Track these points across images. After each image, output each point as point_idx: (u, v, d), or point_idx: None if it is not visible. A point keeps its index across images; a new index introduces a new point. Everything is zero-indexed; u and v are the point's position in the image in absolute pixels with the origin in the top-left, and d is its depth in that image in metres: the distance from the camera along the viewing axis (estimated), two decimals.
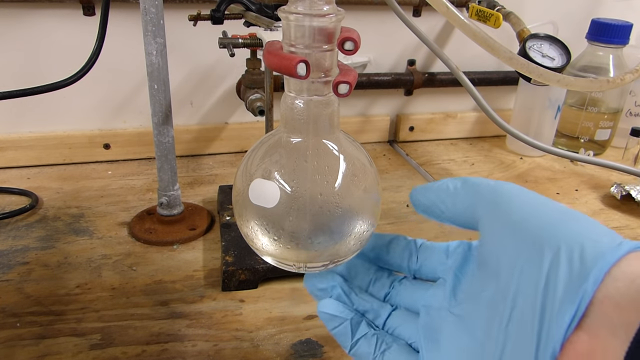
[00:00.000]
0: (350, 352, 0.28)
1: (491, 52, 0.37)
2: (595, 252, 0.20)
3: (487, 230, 0.24)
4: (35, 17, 0.66)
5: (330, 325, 0.28)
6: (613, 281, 0.19)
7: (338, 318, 0.28)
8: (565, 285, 0.20)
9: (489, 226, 0.24)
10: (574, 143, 0.81)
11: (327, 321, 0.29)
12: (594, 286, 0.19)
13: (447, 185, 0.26)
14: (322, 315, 0.29)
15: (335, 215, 0.26)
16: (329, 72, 0.25)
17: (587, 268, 0.19)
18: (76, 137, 0.72)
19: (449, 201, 0.26)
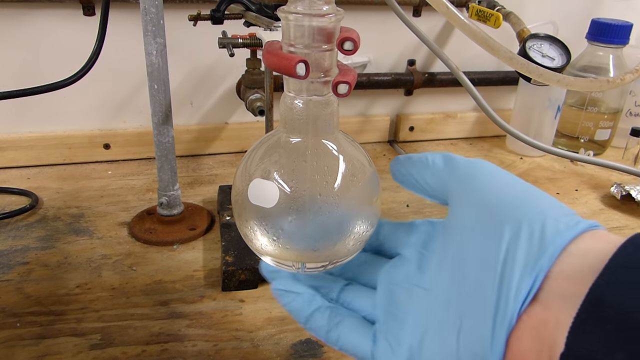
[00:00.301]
0: (306, 325, 0.28)
1: (491, 52, 0.37)
2: (554, 229, 0.21)
3: (455, 203, 0.25)
4: (35, 17, 0.66)
5: (284, 300, 0.29)
6: (568, 257, 0.20)
7: (291, 293, 0.29)
8: (524, 259, 0.20)
9: (457, 199, 0.25)
10: (574, 143, 0.81)
11: (281, 297, 0.29)
12: (550, 261, 0.20)
13: (427, 157, 0.27)
14: (275, 292, 0.29)
15: (335, 215, 0.26)
16: (329, 72, 0.25)
17: (545, 244, 0.20)
18: (76, 137, 0.72)
19: (425, 173, 0.27)
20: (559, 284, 0.20)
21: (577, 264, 0.20)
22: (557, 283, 0.20)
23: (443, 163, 0.26)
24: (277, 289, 0.29)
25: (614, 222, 0.63)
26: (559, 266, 0.20)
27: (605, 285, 0.18)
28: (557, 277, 0.20)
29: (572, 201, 0.68)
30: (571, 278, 0.20)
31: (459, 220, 0.24)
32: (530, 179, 0.74)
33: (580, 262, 0.20)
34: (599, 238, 0.21)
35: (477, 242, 0.23)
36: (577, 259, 0.20)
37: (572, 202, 0.68)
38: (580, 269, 0.20)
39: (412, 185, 0.28)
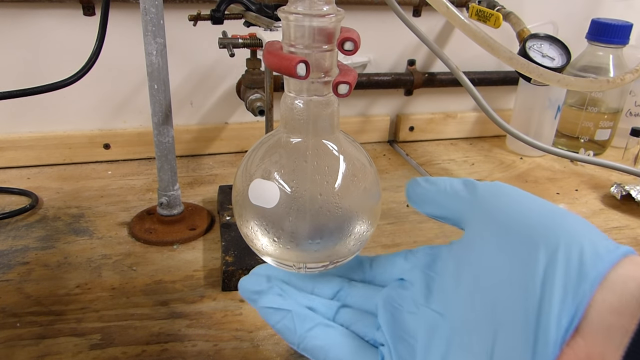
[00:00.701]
0: (301, 346, 0.26)
1: (491, 52, 0.37)
2: (594, 253, 0.19)
3: (474, 224, 0.24)
4: (35, 17, 0.66)
5: (273, 320, 0.26)
6: (609, 284, 0.19)
7: (281, 311, 0.26)
8: (563, 286, 0.19)
9: (477, 220, 0.24)
10: (574, 143, 0.81)
11: (269, 316, 0.26)
12: (592, 288, 0.19)
13: (444, 181, 0.26)
14: (262, 311, 0.26)
15: (335, 215, 0.26)
16: (329, 72, 0.25)
17: (586, 269, 0.19)
18: (76, 137, 0.72)
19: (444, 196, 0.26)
20: (602, 314, 0.18)
21: (619, 293, 0.18)
22: (600, 313, 0.18)
23: (463, 186, 0.25)
24: (264, 307, 0.27)
25: (614, 222, 0.63)
26: (600, 295, 0.19)
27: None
28: (599, 307, 0.19)
29: (572, 201, 0.68)
30: (614, 308, 0.18)
31: (480, 242, 0.23)
32: (530, 179, 0.74)
33: (622, 291, 0.18)
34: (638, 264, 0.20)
35: (506, 265, 0.21)
36: (619, 287, 0.19)
37: (572, 202, 0.68)
38: (624, 298, 0.18)
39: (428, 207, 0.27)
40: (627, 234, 0.61)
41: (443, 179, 0.27)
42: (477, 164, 0.79)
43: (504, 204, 0.23)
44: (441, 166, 0.77)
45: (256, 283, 0.28)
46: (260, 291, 0.28)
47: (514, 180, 0.74)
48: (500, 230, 0.22)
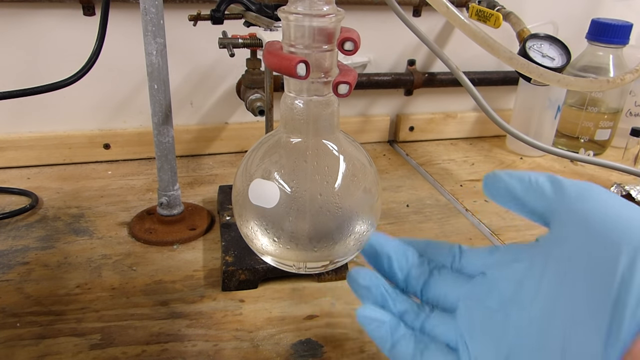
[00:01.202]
0: (390, 353, 0.28)
1: (491, 52, 0.37)
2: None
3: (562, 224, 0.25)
4: (35, 17, 0.66)
5: (369, 327, 0.29)
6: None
7: (377, 321, 0.28)
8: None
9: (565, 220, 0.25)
10: (574, 143, 0.81)
11: (366, 324, 0.29)
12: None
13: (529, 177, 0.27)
14: (361, 319, 0.29)
15: (335, 215, 0.26)
16: (329, 72, 0.25)
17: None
18: (76, 137, 0.72)
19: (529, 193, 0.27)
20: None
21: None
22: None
23: (550, 185, 0.26)
24: (363, 315, 0.29)
25: None
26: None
27: None
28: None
29: None
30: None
31: (565, 241, 0.24)
32: None
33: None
34: None
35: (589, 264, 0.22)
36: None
37: None
38: None
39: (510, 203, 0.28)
40: None
41: (527, 174, 0.27)
42: (477, 164, 0.79)
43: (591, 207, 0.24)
44: (441, 166, 0.77)
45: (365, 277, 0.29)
46: (369, 287, 0.29)
47: None
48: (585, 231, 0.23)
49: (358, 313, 0.29)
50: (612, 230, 0.22)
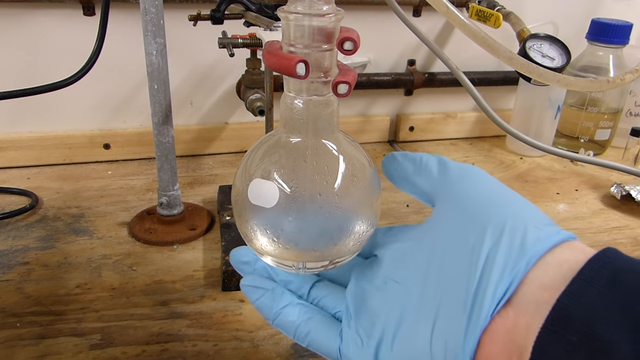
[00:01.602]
0: (274, 322, 0.28)
1: (491, 52, 0.37)
2: (535, 237, 0.21)
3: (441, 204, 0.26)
4: (35, 17, 0.66)
5: (253, 297, 0.29)
6: (544, 265, 0.21)
7: (260, 289, 0.29)
8: (503, 262, 0.21)
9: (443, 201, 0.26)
10: (574, 143, 0.81)
11: (250, 293, 0.29)
12: (527, 266, 0.21)
13: (421, 158, 0.28)
14: (244, 289, 0.29)
15: (335, 215, 0.26)
16: (329, 72, 0.25)
17: (525, 250, 0.21)
18: (76, 137, 0.72)
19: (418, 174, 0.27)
20: (533, 290, 0.20)
21: (552, 273, 0.20)
22: (532, 289, 0.20)
23: (437, 166, 0.27)
24: (245, 285, 0.29)
25: (614, 222, 0.63)
26: (535, 273, 0.21)
27: (570, 298, 0.19)
28: (532, 284, 0.20)
29: (572, 201, 0.68)
30: (545, 286, 0.20)
31: (442, 220, 0.25)
32: (530, 179, 0.74)
33: (555, 271, 0.20)
34: (575, 249, 0.21)
35: (458, 241, 0.23)
36: (553, 268, 0.21)
37: (572, 202, 0.68)
38: (554, 277, 0.20)
39: (402, 184, 0.29)
40: (627, 234, 0.61)
41: (419, 155, 0.28)
42: (477, 164, 0.79)
43: (467, 188, 0.25)
44: None
45: (244, 254, 0.30)
46: (248, 262, 0.30)
47: (514, 180, 0.74)
48: (460, 211, 0.24)
49: (241, 283, 0.29)
50: (481, 210, 0.23)
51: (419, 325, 0.23)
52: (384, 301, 0.26)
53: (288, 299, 0.28)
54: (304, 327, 0.28)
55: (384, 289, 0.26)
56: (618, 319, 0.18)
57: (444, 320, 0.22)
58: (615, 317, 0.18)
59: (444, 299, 0.23)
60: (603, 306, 0.18)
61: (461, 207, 0.24)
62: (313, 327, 0.28)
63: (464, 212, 0.24)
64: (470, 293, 0.21)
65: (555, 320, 0.19)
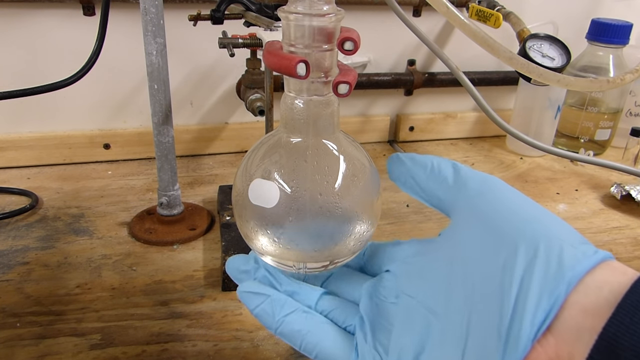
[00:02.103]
0: (277, 331, 0.26)
1: (491, 52, 0.37)
2: (572, 257, 0.20)
3: (462, 218, 0.24)
4: (35, 17, 0.66)
5: (252, 304, 0.26)
6: (584, 287, 0.19)
7: (260, 295, 0.26)
8: (540, 285, 0.19)
9: (465, 214, 0.24)
10: (574, 143, 0.81)
11: (248, 300, 0.27)
12: (567, 290, 0.19)
13: (432, 163, 0.26)
14: (242, 296, 0.27)
15: (335, 215, 0.26)
16: (329, 72, 0.25)
17: (563, 271, 0.19)
18: (76, 137, 0.72)
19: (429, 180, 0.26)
20: (574, 316, 0.19)
21: (593, 296, 0.19)
22: (572, 315, 0.19)
23: (452, 174, 0.25)
24: (243, 291, 0.27)
25: (614, 222, 0.63)
26: (574, 296, 0.19)
27: (619, 326, 0.17)
28: (573, 309, 0.19)
29: (572, 201, 0.68)
30: (587, 311, 0.19)
31: (463, 235, 0.23)
32: (530, 179, 0.74)
33: (596, 295, 0.19)
34: (615, 270, 0.20)
35: (485, 260, 0.21)
36: (593, 291, 0.19)
37: (572, 202, 0.68)
38: (597, 301, 0.19)
39: (408, 187, 0.27)
40: (627, 234, 0.61)
41: (429, 159, 0.26)
42: (477, 164, 0.79)
43: (492, 201, 0.23)
44: None
45: (243, 262, 0.28)
46: (247, 271, 0.28)
47: (514, 180, 0.74)
48: (485, 227, 0.22)
49: (238, 290, 0.27)
50: (510, 227, 0.21)
51: (445, 350, 0.22)
52: (403, 318, 0.25)
53: (293, 306, 0.26)
54: (312, 337, 0.26)
55: (401, 304, 0.25)
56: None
57: (475, 347, 0.21)
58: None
59: (473, 323, 0.21)
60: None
61: (486, 223, 0.22)
62: (323, 338, 0.26)
63: (490, 228, 0.22)
64: (506, 319, 0.20)
65: (602, 350, 0.17)
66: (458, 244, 0.24)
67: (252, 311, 0.27)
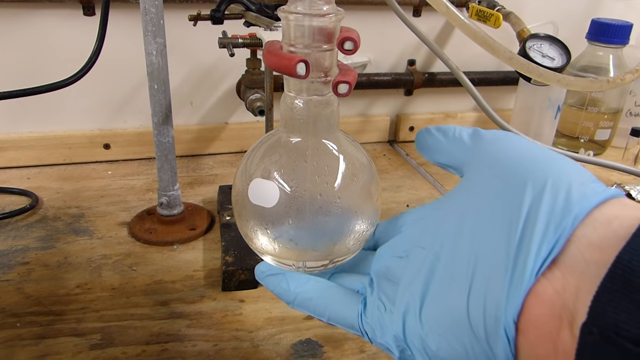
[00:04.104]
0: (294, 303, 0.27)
1: (491, 52, 0.37)
2: (581, 193, 0.20)
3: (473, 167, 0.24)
4: (35, 17, 0.66)
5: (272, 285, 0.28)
6: (592, 221, 0.19)
7: (278, 275, 0.28)
8: (546, 219, 0.19)
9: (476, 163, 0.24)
10: (574, 143, 0.81)
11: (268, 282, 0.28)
12: (574, 223, 0.19)
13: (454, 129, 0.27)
14: (262, 278, 0.28)
15: (335, 215, 0.26)
16: (329, 71, 0.25)
17: (570, 206, 0.19)
18: (76, 137, 0.72)
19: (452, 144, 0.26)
20: (581, 249, 0.19)
21: (602, 230, 0.19)
22: (579, 248, 0.19)
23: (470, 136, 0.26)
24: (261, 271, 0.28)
25: None
26: (582, 230, 0.19)
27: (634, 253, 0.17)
28: (580, 242, 0.19)
29: None
30: (594, 244, 0.18)
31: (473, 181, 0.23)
32: None
33: (604, 228, 0.19)
34: (626, 205, 0.20)
35: (494, 200, 0.21)
36: (602, 225, 0.19)
37: None
38: (605, 235, 0.18)
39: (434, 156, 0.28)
40: None
41: (453, 127, 0.27)
42: None
43: (501, 148, 0.23)
44: None
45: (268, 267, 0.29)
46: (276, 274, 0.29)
47: None
48: (494, 171, 0.22)
49: (257, 269, 0.28)
50: (519, 167, 0.21)
51: (451, 289, 0.21)
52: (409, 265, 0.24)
53: (305, 278, 0.28)
54: (322, 300, 0.27)
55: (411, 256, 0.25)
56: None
57: (481, 282, 0.20)
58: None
59: (479, 259, 0.21)
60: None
61: (495, 166, 0.22)
62: (332, 299, 0.27)
63: (499, 171, 0.22)
64: (512, 253, 0.19)
65: (616, 278, 0.17)
66: (468, 190, 0.23)
67: (272, 290, 0.28)
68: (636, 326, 0.16)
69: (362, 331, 0.26)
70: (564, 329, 0.18)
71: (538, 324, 0.19)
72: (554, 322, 0.19)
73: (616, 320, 0.16)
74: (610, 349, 0.16)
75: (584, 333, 0.17)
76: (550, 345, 0.19)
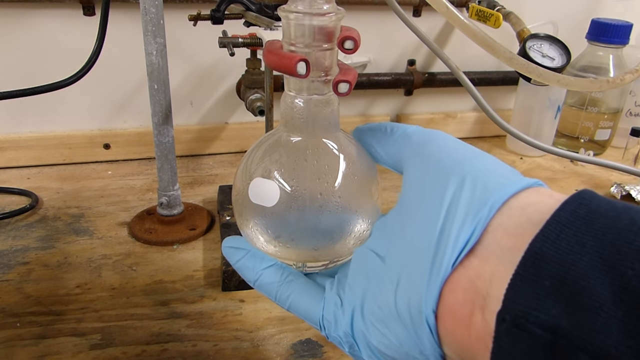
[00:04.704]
0: (255, 283, 0.28)
1: (491, 52, 0.37)
2: (496, 183, 0.21)
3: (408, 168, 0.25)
4: (35, 17, 0.66)
5: (235, 258, 0.28)
6: (508, 210, 0.20)
7: (242, 250, 0.28)
8: (465, 211, 0.20)
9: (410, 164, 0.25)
10: (574, 143, 0.81)
11: (231, 255, 0.28)
12: (490, 213, 0.20)
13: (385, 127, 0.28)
14: (225, 251, 0.28)
15: (335, 214, 0.26)
16: (329, 71, 0.25)
17: (486, 196, 0.20)
18: (76, 137, 0.72)
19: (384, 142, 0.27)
20: (497, 237, 0.19)
21: (517, 217, 0.19)
22: (495, 236, 0.19)
23: (401, 133, 0.27)
24: (227, 246, 0.28)
25: None
26: (498, 219, 0.20)
27: (545, 241, 0.17)
28: (496, 230, 0.20)
29: None
30: (509, 231, 0.19)
31: (410, 183, 0.24)
32: None
33: (519, 216, 0.19)
34: (542, 194, 0.21)
35: (423, 199, 0.22)
36: (517, 212, 0.20)
37: None
38: (519, 222, 0.19)
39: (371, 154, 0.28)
40: None
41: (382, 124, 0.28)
42: None
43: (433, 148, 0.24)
44: None
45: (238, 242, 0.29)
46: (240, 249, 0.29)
47: None
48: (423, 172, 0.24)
49: (223, 245, 0.28)
50: (443, 167, 0.23)
51: (384, 286, 0.23)
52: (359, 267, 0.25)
53: (271, 260, 0.28)
54: (286, 288, 0.27)
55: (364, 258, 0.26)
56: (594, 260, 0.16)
57: (406, 277, 0.21)
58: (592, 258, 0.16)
59: (408, 257, 0.22)
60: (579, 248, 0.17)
61: (425, 168, 0.24)
62: (295, 290, 0.27)
63: (428, 172, 0.23)
64: (432, 246, 0.20)
65: (527, 265, 0.17)
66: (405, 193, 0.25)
67: (234, 265, 0.28)
68: (545, 312, 0.16)
69: (320, 325, 0.26)
70: (476, 313, 0.19)
71: (453, 310, 0.20)
72: (467, 307, 0.19)
73: (527, 307, 0.17)
74: (522, 335, 0.17)
75: (499, 320, 0.17)
76: (465, 330, 0.19)
